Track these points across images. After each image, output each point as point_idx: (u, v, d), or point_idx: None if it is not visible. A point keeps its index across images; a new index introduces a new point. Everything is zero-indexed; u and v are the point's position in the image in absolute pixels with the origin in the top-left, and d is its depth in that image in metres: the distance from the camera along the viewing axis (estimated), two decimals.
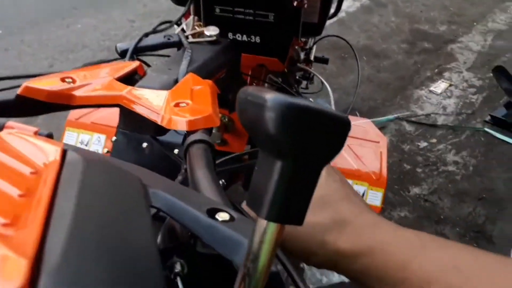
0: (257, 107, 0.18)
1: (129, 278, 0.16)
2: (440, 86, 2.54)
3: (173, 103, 0.55)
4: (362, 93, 2.42)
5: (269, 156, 0.19)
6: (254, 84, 1.16)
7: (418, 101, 2.42)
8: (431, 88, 2.52)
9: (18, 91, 0.52)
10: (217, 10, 1.02)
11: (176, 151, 1.11)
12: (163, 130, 0.60)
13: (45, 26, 2.82)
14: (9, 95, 0.53)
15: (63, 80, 0.56)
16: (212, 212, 0.26)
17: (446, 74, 2.66)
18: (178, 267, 0.25)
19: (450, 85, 2.56)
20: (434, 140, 2.14)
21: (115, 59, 0.83)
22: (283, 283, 0.25)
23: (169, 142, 1.15)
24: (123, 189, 0.23)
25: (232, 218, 0.26)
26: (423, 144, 2.11)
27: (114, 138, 1.21)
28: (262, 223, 0.20)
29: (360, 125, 1.43)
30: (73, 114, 1.22)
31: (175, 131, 1.26)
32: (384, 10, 3.35)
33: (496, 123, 2.21)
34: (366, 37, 2.98)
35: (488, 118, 2.26)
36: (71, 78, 0.56)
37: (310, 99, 1.46)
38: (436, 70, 2.70)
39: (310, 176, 0.20)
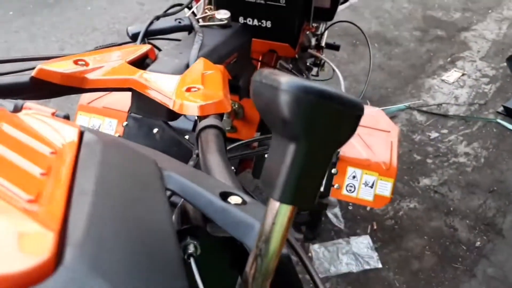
0: (271, 89, 0.18)
1: (148, 256, 0.17)
2: (452, 75, 2.50)
3: (185, 88, 0.55)
4: (373, 81, 2.40)
5: (283, 139, 0.19)
6: None
7: (429, 90, 2.39)
8: (443, 77, 2.48)
9: (33, 73, 0.52)
10: None
11: (186, 137, 1.12)
12: (175, 115, 0.60)
13: (55, 8, 2.81)
14: (23, 77, 0.53)
15: (76, 62, 0.56)
16: (224, 196, 0.26)
17: (459, 63, 2.62)
18: (191, 248, 0.25)
19: (463, 74, 2.52)
20: (445, 131, 2.12)
21: (126, 42, 0.82)
22: (294, 266, 0.26)
23: (180, 128, 1.15)
24: (140, 171, 0.23)
25: (244, 202, 0.26)
26: (434, 134, 2.09)
27: (125, 123, 1.22)
28: (275, 204, 0.20)
29: (371, 114, 1.42)
30: (85, 98, 1.22)
31: (186, 117, 1.27)
32: None
33: (509, 114, 2.18)
34: (377, 23, 2.93)
35: (500, 109, 2.22)
36: (84, 61, 0.56)
37: None
38: (449, 58, 2.65)
39: (322, 159, 0.20)
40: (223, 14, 0.88)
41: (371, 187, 1.18)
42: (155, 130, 1.17)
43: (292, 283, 0.25)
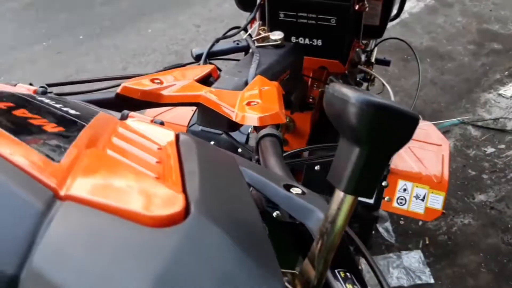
0: (342, 102, 0.23)
1: (245, 220, 0.23)
2: (510, 89, 2.42)
3: (245, 102, 0.62)
4: (424, 96, 2.38)
5: (349, 142, 0.24)
6: (314, 86, 1.21)
7: (485, 105, 2.32)
8: (501, 92, 2.41)
9: (118, 90, 0.62)
10: (281, 15, 1.08)
11: (239, 150, 1.20)
12: (235, 126, 0.68)
13: (120, 31, 3.05)
14: (110, 94, 0.63)
15: (152, 81, 0.65)
16: (287, 187, 0.32)
17: None
18: None
19: None
20: (502, 146, 2.05)
21: (190, 63, 0.92)
22: (349, 246, 0.31)
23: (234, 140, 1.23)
24: (226, 163, 0.30)
25: (303, 192, 0.32)
26: (490, 149, 2.04)
27: None
28: (340, 194, 0.25)
29: (422, 128, 1.42)
30: (147, 114, 1.34)
31: (240, 132, 1.35)
32: (450, 10, 3.24)
33: None
34: (430, 38, 2.90)
35: None
36: (159, 79, 0.65)
37: None
38: (507, 72, 2.57)
39: (380, 161, 0.24)
40: (277, 35, 0.95)
41: (422, 200, 1.19)
42: (212, 143, 1.26)
43: (349, 259, 0.30)
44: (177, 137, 0.31)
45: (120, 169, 0.22)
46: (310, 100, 1.19)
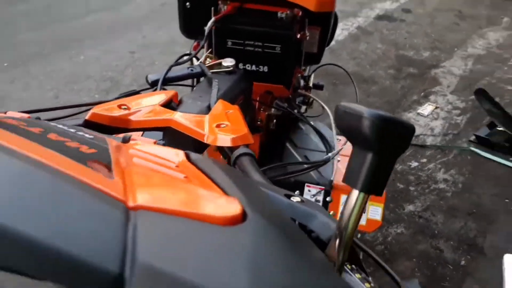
0: (355, 117, 0.28)
1: (284, 221, 0.26)
2: (427, 108, 2.70)
3: (215, 125, 0.65)
4: None
5: (362, 149, 0.29)
6: (261, 109, 1.28)
7: None
8: (419, 111, 2.67)
9: (87, 116, 0.62)
10: (229, 43, 1.14)
11: None
12: (202, 148, 0.71)
13: (49, 58, 2.92)
14: (78, 121, 0.63)
15: (119, 107, 0.66)
16: (288, 196, 0.37)
17: (432, 97, 2.82)
18: None
19: (436, 107, 2.72)
20: (424, 160, 2.27)
21: (146, 89, 0.93)
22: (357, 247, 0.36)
23: None
24: (241, 175, 0.33)
25: (302, 200, 0.37)
26: (414, 164, 2.24)
27: None
28: (356, 193, 0.30)
29: None
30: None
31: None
32: (370, 38, 3.55)
33: (480, 142, 2.36)
34: (355, 63, 3.15)
35: (472, 137, 2.40)
36: (126, 105, 0.67)
37: (311, 122, 1.58)
38: (422, 93, 2.86)
39: (389, 163, 0.30)
40: (229, 62, 1.01)
41: (364, 212, 1.28)
42: None
43: (351, 253, 0.35)
44: (187, 155, 0.34)
45: (167, 180, 0.25)
46: (258, 123, 1.25)
